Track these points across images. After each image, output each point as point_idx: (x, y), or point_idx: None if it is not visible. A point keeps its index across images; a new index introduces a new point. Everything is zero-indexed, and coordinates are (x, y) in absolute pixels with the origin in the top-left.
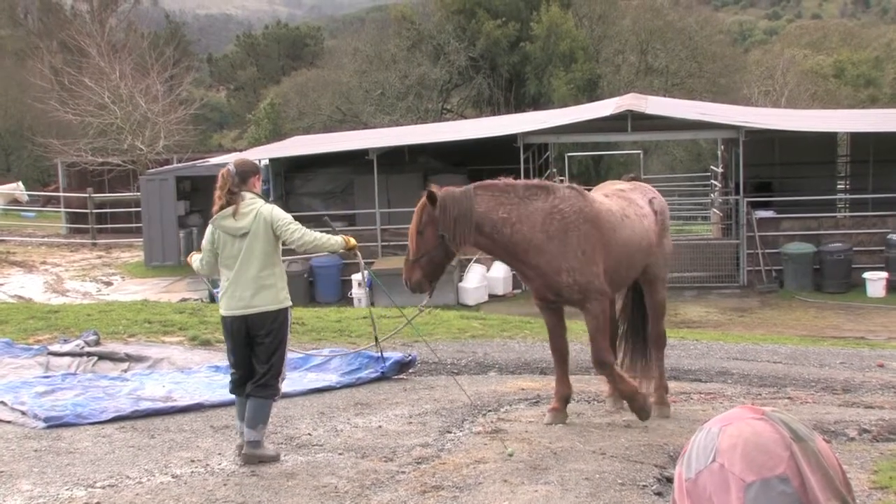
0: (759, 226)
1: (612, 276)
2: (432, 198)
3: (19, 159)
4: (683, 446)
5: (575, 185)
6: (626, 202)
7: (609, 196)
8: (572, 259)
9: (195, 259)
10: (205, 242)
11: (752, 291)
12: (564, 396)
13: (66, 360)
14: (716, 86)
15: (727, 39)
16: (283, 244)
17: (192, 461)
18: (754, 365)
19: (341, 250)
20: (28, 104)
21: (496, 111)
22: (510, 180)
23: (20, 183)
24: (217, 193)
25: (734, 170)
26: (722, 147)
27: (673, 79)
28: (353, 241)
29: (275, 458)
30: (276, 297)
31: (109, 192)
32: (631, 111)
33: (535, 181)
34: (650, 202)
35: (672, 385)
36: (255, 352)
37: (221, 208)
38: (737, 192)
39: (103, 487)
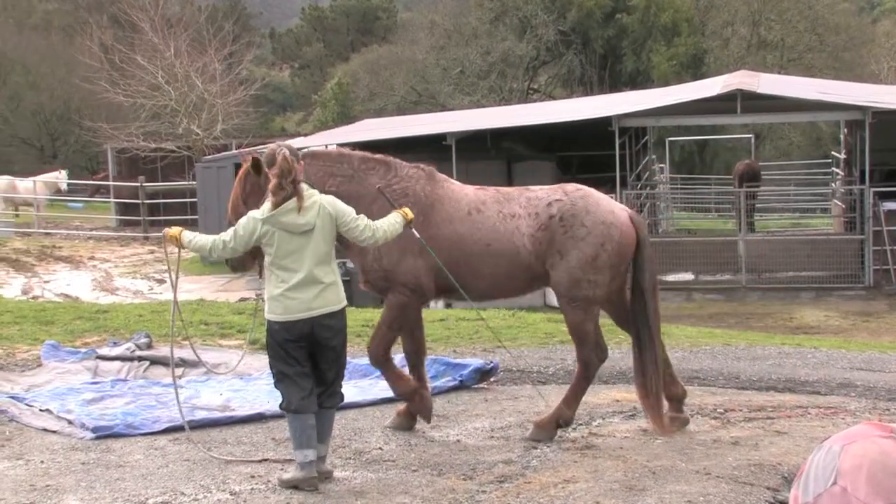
0: (887, 219)
1: (442, 277)
2: (257, 164)
3: (66, 145)
4: (800, 466)
5: (424, 166)
6: (497, 197)
7: (488, 190)
8: (385, 243)
9: (208, 240)
10: (242, 234)
11: (879, 293)
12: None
13: (116, 364)
14: (838, 61)
15: (852, 9)
16: (350, 241)
17: (252, 477)
18: (881, 376)
19: (403, 228)
20: (76, 84)
21: (588, 91)
22: (345, 150)
23: (63, 171)
24: (276, 183)
25: (859, 156)
26: (845, 130)
27: (789, 53)
28: (410, 213)
29: (330, 475)
30: (339, 295)
31: (162, 181)
32: (741, 90)
33: (379, 155)
34: (548, 205)
35: (787, 398)
36: (323, 357)
37: (284, 200)
38: (861, 182)
39: None
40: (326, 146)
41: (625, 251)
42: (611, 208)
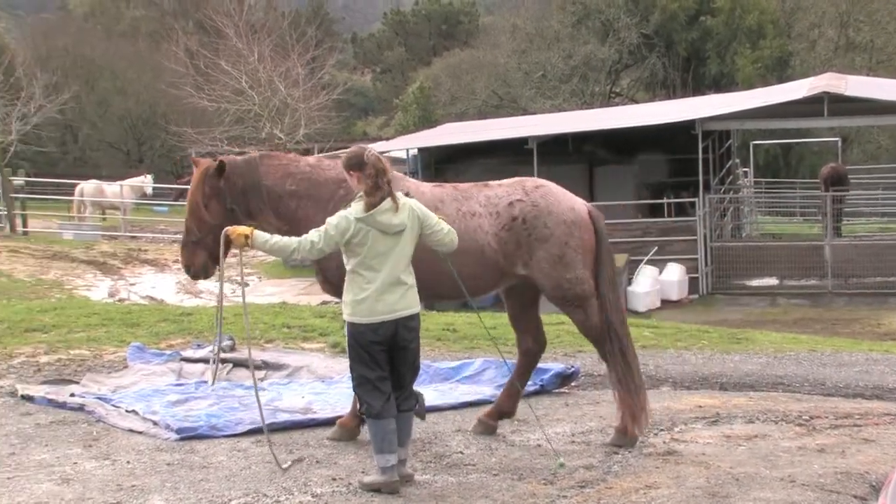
0: None
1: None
2: (222, 167)
3: (151, 149)
4: (888, 475)
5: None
6: (455, 194)
7: (445, 187)
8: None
9: (291, 241)
10: (334, 234)
11: None
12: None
13: (200, 366)
14: None
15: None
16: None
17: (334, 479)
18: None
19: None
20: (162, 90)
21: (671, 94)
22: (296, 155)
23: (148, 175)
24: (372, 183)
25: None
26: None
27: (878, 55)
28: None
29: (411, 478)
30: (416, 297)
31: None
32: (828, 93)
33: (333, 153)
34: (509, 205)
35: (875, 405)
36: (402, 360)
37: (381, 200)
38: None
39: None
40: (408, 151)
41: (587, 245)
42: (571, 205)
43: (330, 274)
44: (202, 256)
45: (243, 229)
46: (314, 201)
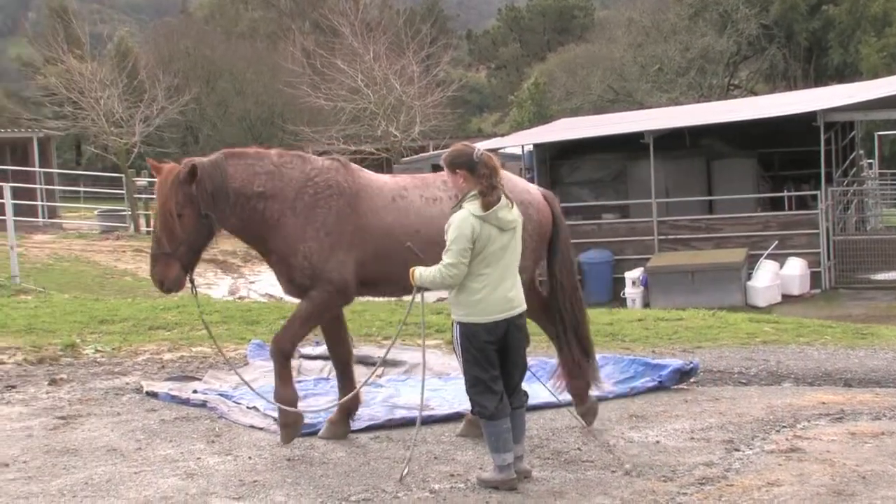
0: None
1: (370, 270)
2: (194, 172)
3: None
4: None
5: (339, 157)
6: (416, 182)
7: (402, 176)
8: (312, 239)
9: (435, 273)
10: (465, 244)
11: None
12: (347, 407)
13: (318, 363)
14: None
15: None
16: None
17: (452, 475)
18: None
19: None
20: (279, 90)
21: (792, 85)
22: (261, 149)
23: None
24: (486, 183)
25: None
26: None
27: None
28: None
29: (529, 474)
30: (522, 294)
31: None
32: None
33: (293, 152)
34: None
35: None
36: (511, 358)
37: (498, 199)
38: None
39: (357, 501)
40: (523, 147)
41: (544, 231)
42: (526, 187)
43: (298, 274)
44: (176, 269)
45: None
46: (280, 202)
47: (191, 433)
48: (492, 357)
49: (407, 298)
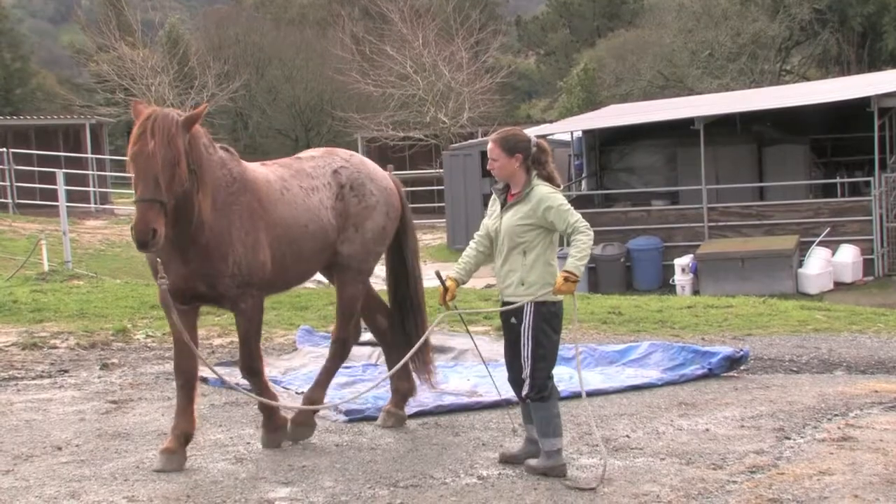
0: None
1: (276, 269)
2: (194, 119)
3: (318, 135)
4: None
5: (227, 147)
6: (290, 171)
7: (273, 165)
8: (238, 241)
9: (587, 242)
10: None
11: None
12: (185, 433)
13: (367, 349)
14: None
15: None
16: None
17: (500, 462)
18: None
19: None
20: (328, 76)
21: (845, 71)
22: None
23: None
24: (552, 166)
25: None
26: None
27: None
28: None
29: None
30: None
31: (410, 169)
32: None
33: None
34: (334, 173)
35: None
36: None
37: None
38: None
39: (406, 487)
40: (572, 133)
41: (398, 216)
42: (382, 172)
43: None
44: (163, 225)
45: (572, 271)
46: (203, 184)
47: (240, 418)
48: (558, 342)
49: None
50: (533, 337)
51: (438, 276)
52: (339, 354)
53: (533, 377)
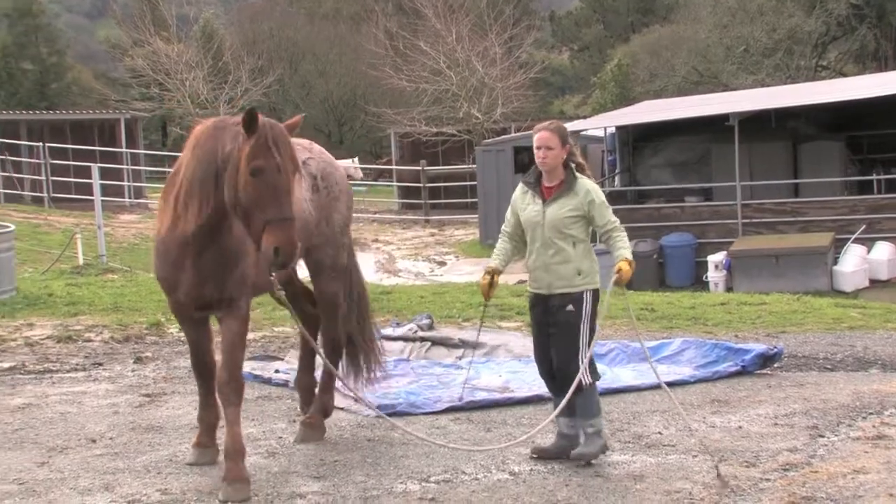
0: None
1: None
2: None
3: (351, 130)
4: None
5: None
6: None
7: None
8: (249, 242)
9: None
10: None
11: None
12: (212, 425)
13: (399, 344)
14: None
15: None
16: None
17: (532, 458)
18: None
19: None
20: (362, 71)
21: (882, 66)
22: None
23: (355, 159)
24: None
25: None
26: None
27: None
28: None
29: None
30: None
31: (443, 165)
32: None
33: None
34: (304, 163)
35: None
36: None
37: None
38: None
39: (438, 482)
40: (605, 129)
41: (353, 207)
42: (339, 164)
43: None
44: None
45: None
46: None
47: (273, 412)
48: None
49: None
50: (590, 324)
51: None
52: (332, 355)
53: (590, 362)
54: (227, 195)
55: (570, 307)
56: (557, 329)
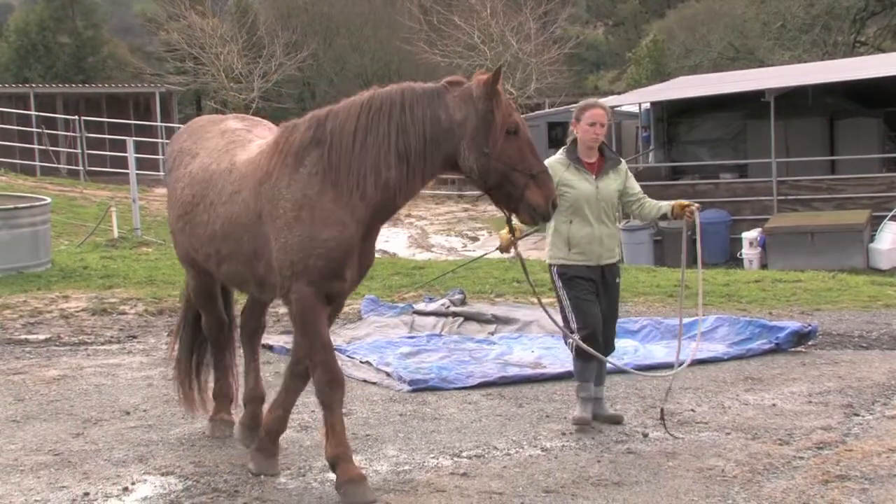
0: None
1: None
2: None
3: None
4: None
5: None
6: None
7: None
8: (289, 223)
9: None
10: None
11: None
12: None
13: (431, 319)
14: None
15: None
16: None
17: (563, 434)
18: None
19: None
20: (396, 46)
21: None
22: None
23: None
24: None
25: None
26: None
27: None
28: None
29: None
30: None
31: None
32: None
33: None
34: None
35: None
36: None
37: None
38: None
39: (469, 457)
40: (640, 105)
41: None
42: None
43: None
44: None
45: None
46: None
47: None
48: None
49: None
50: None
51: (509, 221)
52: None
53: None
54: (470, 160)
55: (617, 279)
56: (608, 298)
